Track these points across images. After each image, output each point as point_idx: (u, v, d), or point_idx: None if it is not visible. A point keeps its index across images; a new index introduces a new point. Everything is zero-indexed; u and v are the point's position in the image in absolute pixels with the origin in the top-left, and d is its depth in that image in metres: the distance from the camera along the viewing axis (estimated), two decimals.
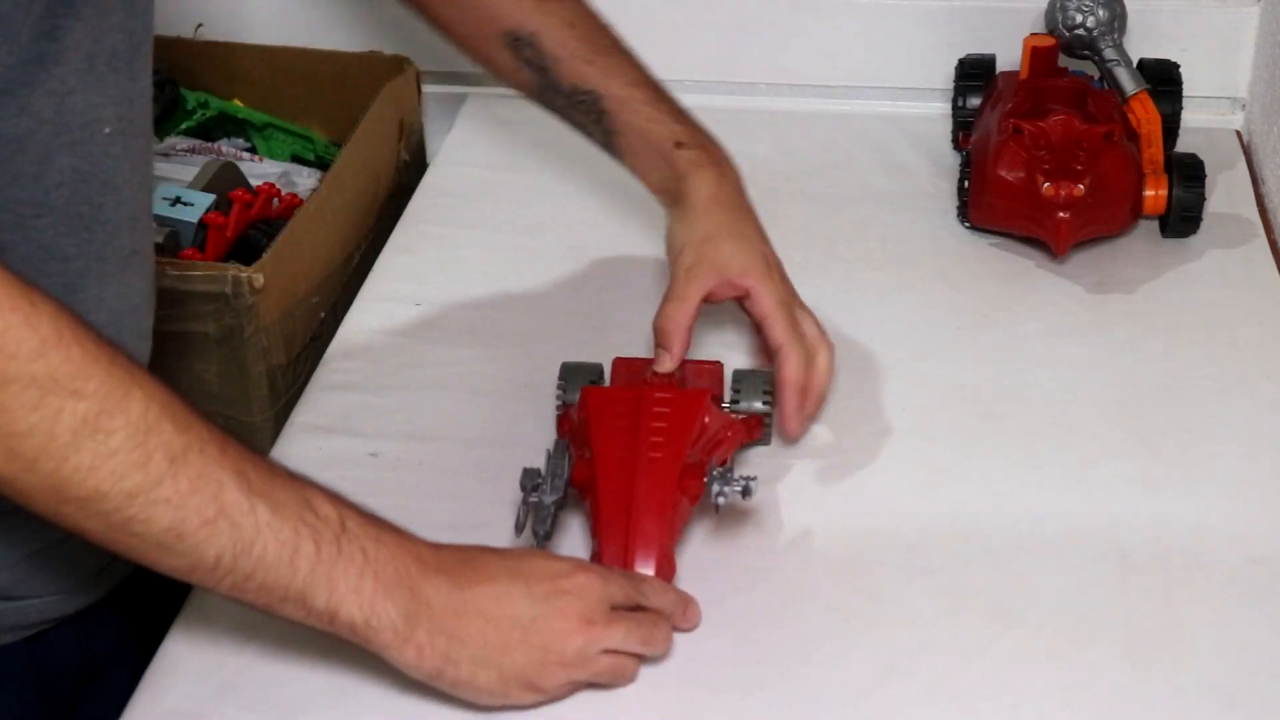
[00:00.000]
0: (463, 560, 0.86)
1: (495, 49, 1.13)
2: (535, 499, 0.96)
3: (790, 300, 1.09)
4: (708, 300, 1.08)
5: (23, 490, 0.75)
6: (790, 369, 1.06)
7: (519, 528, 0.94)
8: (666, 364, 1.06)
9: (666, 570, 0.95)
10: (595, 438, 0.99)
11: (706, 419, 1.02)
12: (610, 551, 0.94)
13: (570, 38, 1.11)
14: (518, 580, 0.86)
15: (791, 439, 1.08)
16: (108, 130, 0.87)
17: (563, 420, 1.06)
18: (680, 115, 1.13)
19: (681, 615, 0.93)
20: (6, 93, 0.81)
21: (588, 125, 1.15)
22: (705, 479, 0.96)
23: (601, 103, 1.12)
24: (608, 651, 0.88)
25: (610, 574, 0.91)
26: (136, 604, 1.05)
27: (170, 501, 0.76)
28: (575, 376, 1.08)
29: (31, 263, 0.84)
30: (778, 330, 1.07)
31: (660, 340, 1.06)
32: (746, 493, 0.95)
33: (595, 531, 0.96)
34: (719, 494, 0.95)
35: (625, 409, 1.00)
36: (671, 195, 1.12)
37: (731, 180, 1.12)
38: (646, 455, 0.97)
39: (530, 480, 0.97)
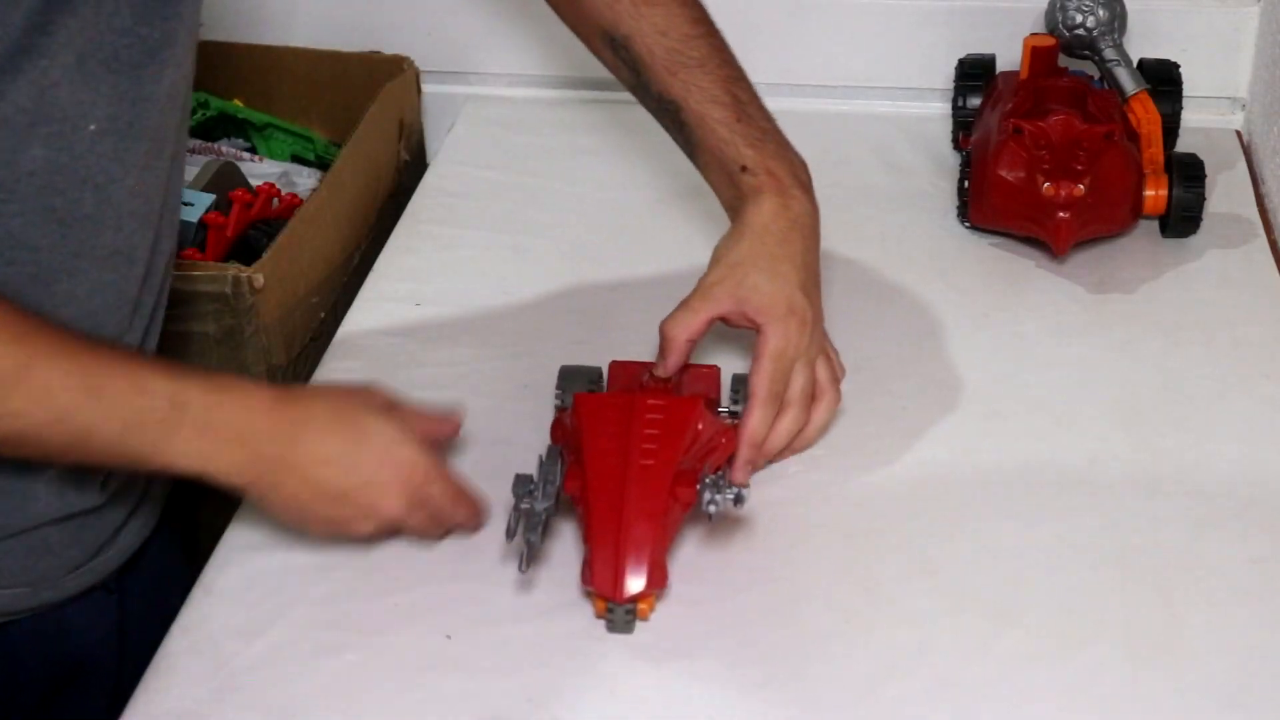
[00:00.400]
0: (307, 418, 0.94)
1: (598, 44, 1.14)
2: (526, 505, 0.96)
3: (793, 354, 1.05)
4: (723, 322, 1.07)
5: None
6: (750, 423, 1.03)
7: (510, 534, 0.94)
8: (661, 371, 1.06)
9: (658, 578, 0.94)
10: (587, 444, 0.99)
11: (700, 425, 1.01)
12: (601, 558, 0.94)
13: (659, 45, 1.11)
14: (350, 448, 0.94)
15: (738, 484, 1.02)
16: (93, 128, 0.88)
17: (556, 426, 1.06)
18: (756, 139, 1.11)
19: (469, 528, 1.01)
20: None
21: (672, 133, 1.14)
22: (698, 487, 0.96)
23: (683, 114, 1.11)
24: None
25: (438, 475, 0.97)
26: (123, 606, 1.05)
27: (16, 414, 0.83)
28: (573, 381, 1.08)
29: None
30: (757, 379, 1.04)
31: (661, 346, 1.06)
32: (739, 500, 0.94)
33: (586, 538, 0.96)
34: (710, 502, 0.94)
35: (617, 415, 1.00)
36: (731, 215, 1.11)
37: (794, 212, 1.09)
38: (638, 463, 0.97)
39: (522, 487, 0.96)
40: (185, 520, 1.17)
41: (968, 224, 1.34)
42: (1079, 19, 1.38)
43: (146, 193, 0.94)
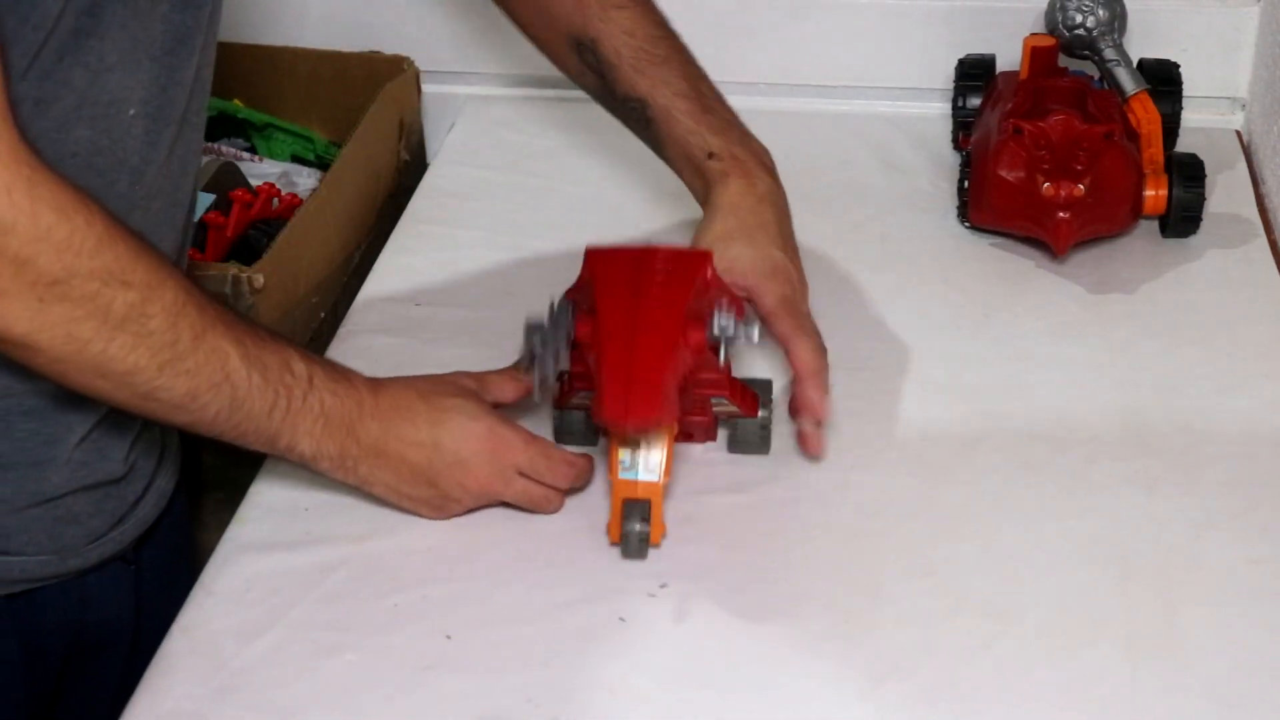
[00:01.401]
0: (396, 406, 0.99)
1: (563, 51, 1.18)
2: (540, 341, 1.00)
3: (795, 299, 1.09)
4: None
5: (67, 369, 0.85)
6: (803, 356, 1.06)
7: (523, 368, 1.01)
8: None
9: (668, 412, 0.96)
10: (600, 290, 1.00)
11: (709, 274, 1.02)
12: (612, 389, 0.95)
13: (626, 45, 1.15)
14: (433, 431, 1.00)
15: (815, 448, 1.06)
16: (132, 112, 0.91)
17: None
18: (721, 127, 1.15)
19: (574, 484, 1.04)
20: (43, 57, 0.85)
21: (640, 133, 1.18)
22: (708, 321, 0.99)
23: (648, 111, 1.15)
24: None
25: (520, 443, 1.01)
26: (139, 578, 1.06)
27: (191, 372, 0.88)
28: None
29: None
30: (783, 324, 1.07)
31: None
32: (748, 335, 0.99)
33: (597, 374, 0.97)
34: (722, 325, 0.99)
35: (629, 265, 1.02)
36: (702, 203, 1.14)
37: (760, 190, 1.13)
38: (649, 304, 0.98)
39: (535, 332, 1.01)
40: (192, 498, 1.19)
41: (968, 224, 1.34)
42: (1079, 19, 1.38)
43: (173, 175, 0.97)
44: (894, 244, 1.34)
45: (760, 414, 1.07)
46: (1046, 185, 1.26)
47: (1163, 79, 1.40)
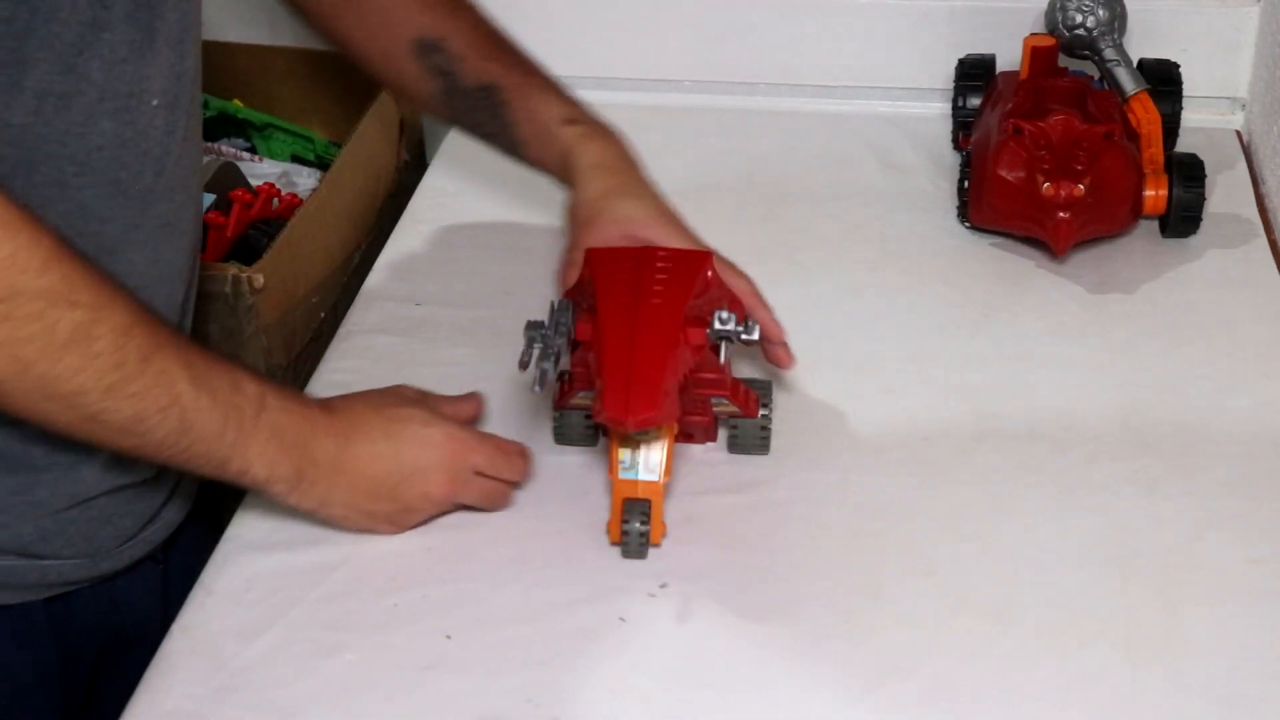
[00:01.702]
0: (349, 422, 0.98)
1: (403, 58, 1.16)
2: (541, 337, 0.99)
3: (701, 242, 1.10)
4: None
5: (10, 391, 0.83)
6: (740, 285, 1.07)
7: (523, 365, 0.98)
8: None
9: (668, 411, 0.95)
10: (600, 289, 1.00)
11: (709, 274, 1.02)
12: (612, 387, 0.95)
13: (475, 37, 1.16)
14: (391, 443, 0.98)
15: (788, 360, 1.09)
16: (155, 102, 0.92)
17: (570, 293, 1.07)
18: (572, 100, 1.16)
19: (526, 476, 1.05)
20: (56, 51, 0.85)
21: (488, 124, 1.17)
22: (710, 320, 0.99)
23: (501, 94, 1.15)
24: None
25: (475, 443, 1.01)
26: (167, 579, 1.08)
27: (138, 395, 0.86)
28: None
29: (70, 221, 0.88)
30: (733, 280, 1.07)
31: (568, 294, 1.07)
32: (749, 329, 0.99)
33: (598, 373, 0.97)
34: (723, 322, 0.99)
35: (629, 264, 1.02)
36: (565, 170, 1.14)
37: (621, 149, 1.14)
38: (649, 303, 0.98)
39: (535, 329, 1.00)
40: (213, 504, 1.19)
41: (968, 224, 1.34)
42: (1079, 19, 1.38)
43: (189, 165, 0.98)
44: (894, 244, 1.34)
45: (760, 414, 1.07)
46: (1046, 185, 1.26)
47: (1163, 79, 1.40)
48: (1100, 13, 1.38)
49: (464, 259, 1.32)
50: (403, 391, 1.04)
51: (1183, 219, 1.31)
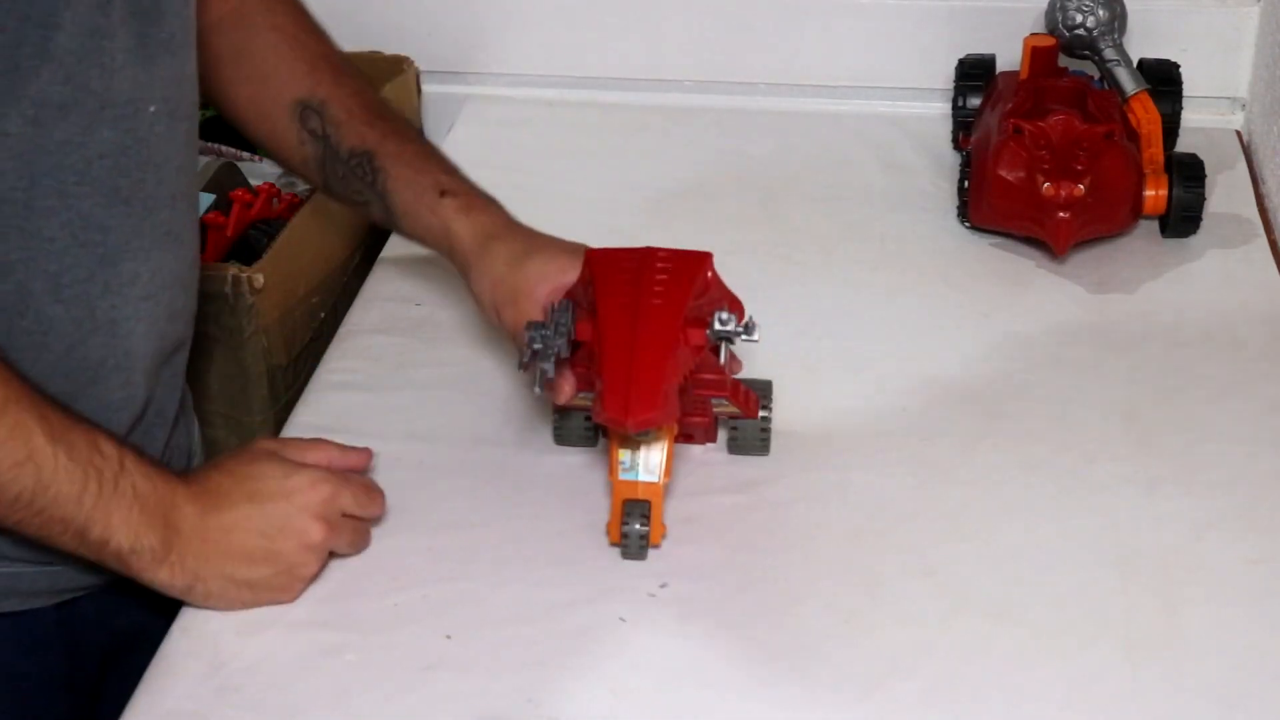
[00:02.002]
0: (207, 490, 0.93)
1: (283, 123, 1.12)
2: (541, 336, 0.96)
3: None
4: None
5: None
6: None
7: (522, 366, 0.97)
8: (562, 399, 1.03)
9: (668, 411, 0.95)
10: (599, 289, 0.99)
11: (710, 275, 1.01)
12: (612, 387, 0.94)
13: (355, 104, 1.12)
14: (254, 503, 0.94)
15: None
16: (153, 109, 0.91)
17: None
18: (448, 168, 1.12)
19: (381, 514, 1.01)
20: (55, 60, 0.85)
21: (364, 191, 1.12)
22: (709, 321, 0.98)
23: (376, 160, 1.11)
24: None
25: (340, 483, 0.97)
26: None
27: None
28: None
29: (72, 231, 0.88)
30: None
31: (550, 384, 1.02)
32: (749, 329, 0.98)
33: (598, 374, 0.96)
34: (723, 322, 0.98)
35: (629, 265, 1.01)
36: (449, 250, 1.10)
37: (500, 215, 1.10)
38: (649, 302, 0.97)
39: (535, 329, 0.97)
40: None
41: (968, 224, 1.34)
42: (1079, 19, 1.38)
43: (188, 171, 0.98)
44: (894, 244, 1.34)
45: (760, 415, 1.07)
46: (1046, 185, 1.26)
47: (1163, 79, 1.40)
48: (1100, 13, 1.38)
49: None
50: (255, 447, 0.99)
51: (1183, 219, 1.31)
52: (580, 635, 0.95)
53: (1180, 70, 1.42)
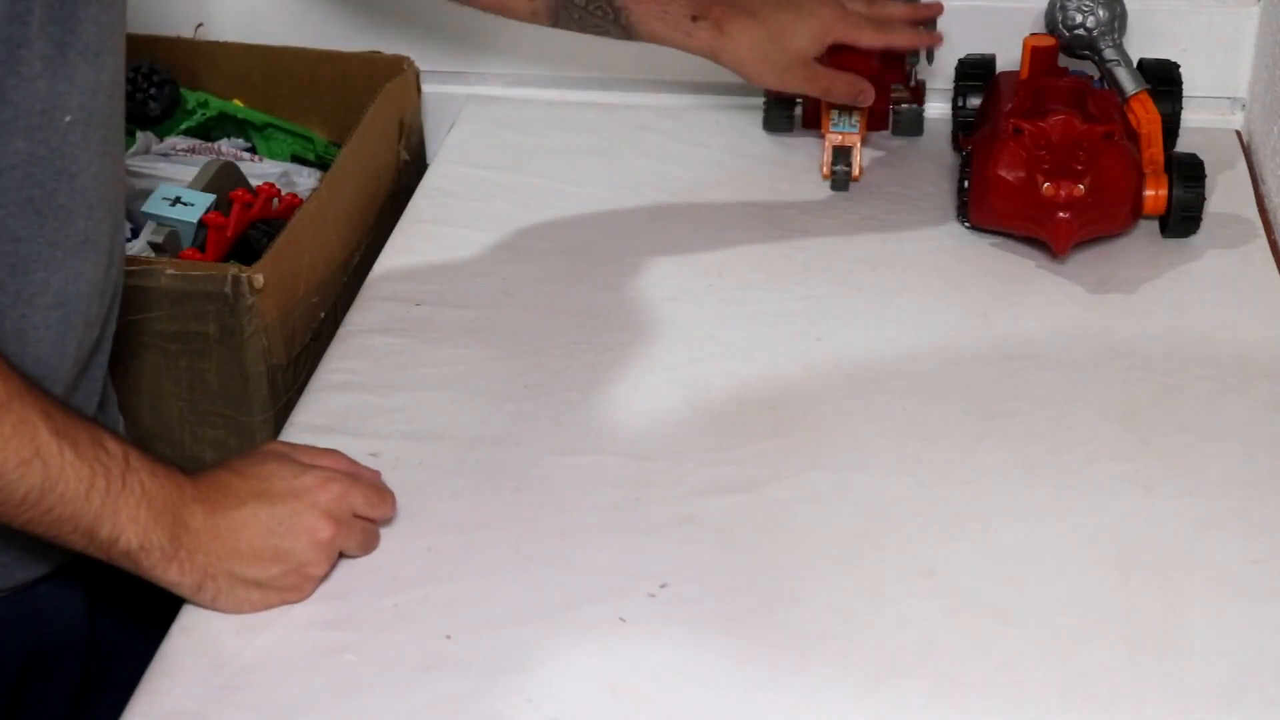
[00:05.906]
0: (216, 488, 0.93)
1: None
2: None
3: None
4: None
5: None
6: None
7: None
8: (864, 100, 1.36)
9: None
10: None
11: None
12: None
13: None
14: (263, 502, 0.93)
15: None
16: (68, 119, 0.89)
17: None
18: None
19: (392, 516, 1.01)
20: None
21: (605, 27, 1.28)
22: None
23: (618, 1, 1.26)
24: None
25: (351, 482, 0.97)
26: (93, 585, 1.04)
27: (1, 444, 0.82)
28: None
29: None
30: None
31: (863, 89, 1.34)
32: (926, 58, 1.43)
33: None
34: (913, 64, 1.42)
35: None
36: (707, 47, 1.28)
37: (750, 19, 1.28)
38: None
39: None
40: None
41: (968, 224, 1.34)
42: (1079, 19, 1.38)
43: (108, 180, 0.95)
44: (894, 244, 1.34)
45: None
46: (1046, 185, 1.26)
47: (1163, 79, 1.40)
48: (1100, 13, 1.38)
49: (464, 259, 1.32)
50: (266, 449, 0.99)
51: (1183, 219, 1.31)
52: (580, 635, 0.95)
53: (1180, 70, 1.42)
